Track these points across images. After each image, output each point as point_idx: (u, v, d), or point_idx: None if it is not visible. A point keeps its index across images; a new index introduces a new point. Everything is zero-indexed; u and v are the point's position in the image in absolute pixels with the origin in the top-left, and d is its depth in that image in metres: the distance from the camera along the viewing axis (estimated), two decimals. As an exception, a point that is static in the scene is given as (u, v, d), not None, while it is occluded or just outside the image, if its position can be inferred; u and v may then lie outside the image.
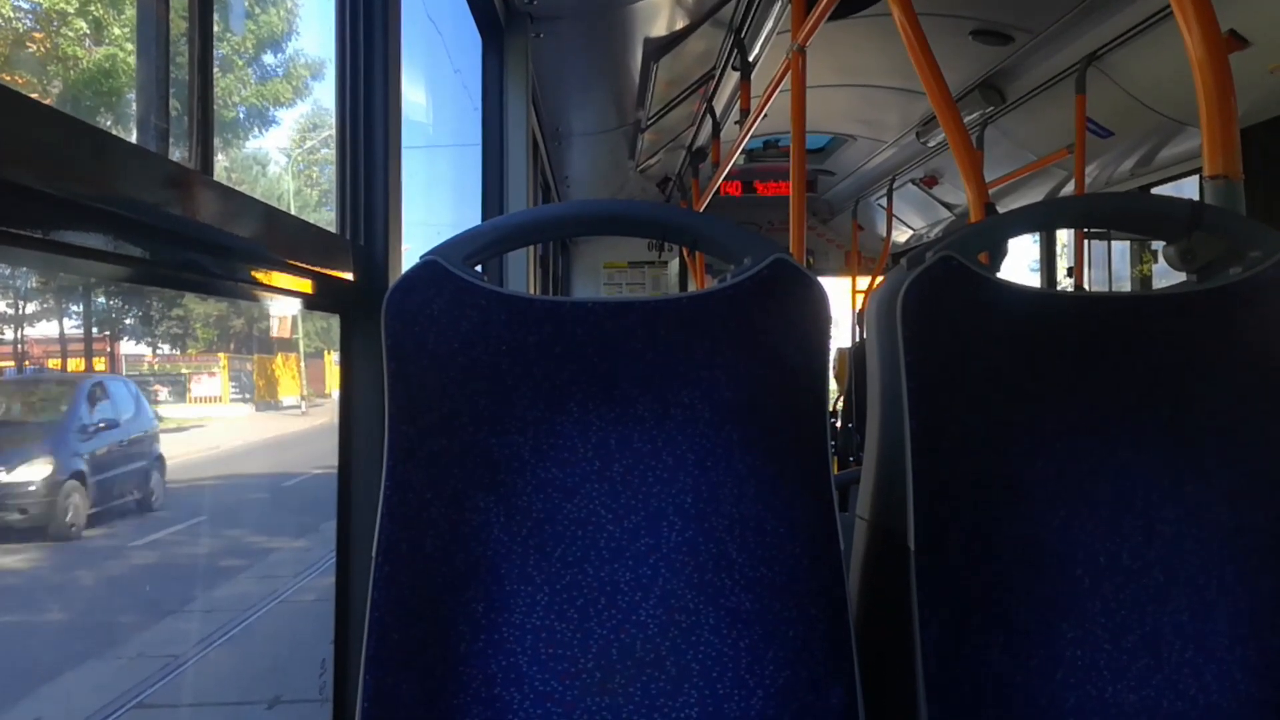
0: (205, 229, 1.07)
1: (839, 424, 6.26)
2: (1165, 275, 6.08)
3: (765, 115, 4.22)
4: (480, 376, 1.22)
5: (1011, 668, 1.24)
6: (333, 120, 1.69)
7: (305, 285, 1.38)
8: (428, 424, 1.21)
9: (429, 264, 1.24)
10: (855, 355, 6.09)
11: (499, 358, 1.22)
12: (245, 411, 22.50)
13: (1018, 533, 1.26)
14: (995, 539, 1.26)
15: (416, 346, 1.22)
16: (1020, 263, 8.07)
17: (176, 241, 1.04)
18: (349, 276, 1.51)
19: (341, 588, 1.57)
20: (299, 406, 23.54)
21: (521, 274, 3.53)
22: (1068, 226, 2.71)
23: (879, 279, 7.76)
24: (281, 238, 1.29)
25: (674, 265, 9.11)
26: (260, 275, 1.26)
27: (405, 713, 1.18)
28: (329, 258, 1.45)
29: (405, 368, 1.22)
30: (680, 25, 4.05)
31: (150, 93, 1.07)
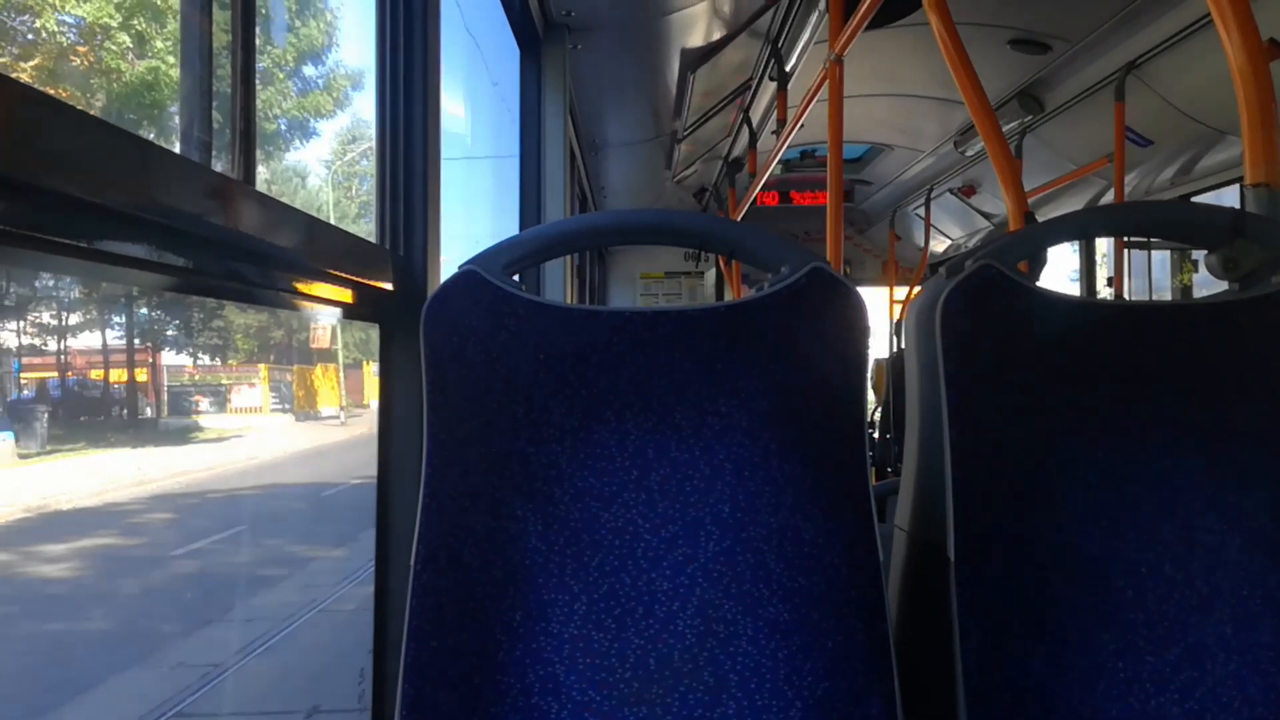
0: (248, 238, 1.08)
1: (877, 435, 6.23)
2: (1206, 285, 6.02)
3: (802, 125, 4.21)
4: (518, 385, 1.22)
5: (1053, 679, 1.23)
6: (372, 132, 1.71)
7: (345, 295, 1.39)
8: (466, 433, 1.22)
9: (467, 273, 1.24)
10: (893, 366, 6.06)
11: (536, 367, 1.22)
12: (285, 422, 22.72)
13: (1058, 542, 1.25)
14: (1036, 549, 1.25)
15: (454, 355, 1.22)
16: (1060, 273, 8.02)
17: (219, 250, 1.05)
18: (388, 286, 1.53)
19: (380, 596, 1.57)
20: (338, 417, 23.73)
21: (558, 284, 3.55)
22: (1108, 235, 2.69)
23: (916, 289, 7.73)
24: (322, 247, 1.31)
25: (710, 275, 9.11)
26: (301, 285, 1.27)
27: None
28: (369, 267, 1.46)
29: (443, 377, 1.22)
30: (717, 36, 4.05)
31: (193, 104, 1.09)
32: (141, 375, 20.61)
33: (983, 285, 1.29)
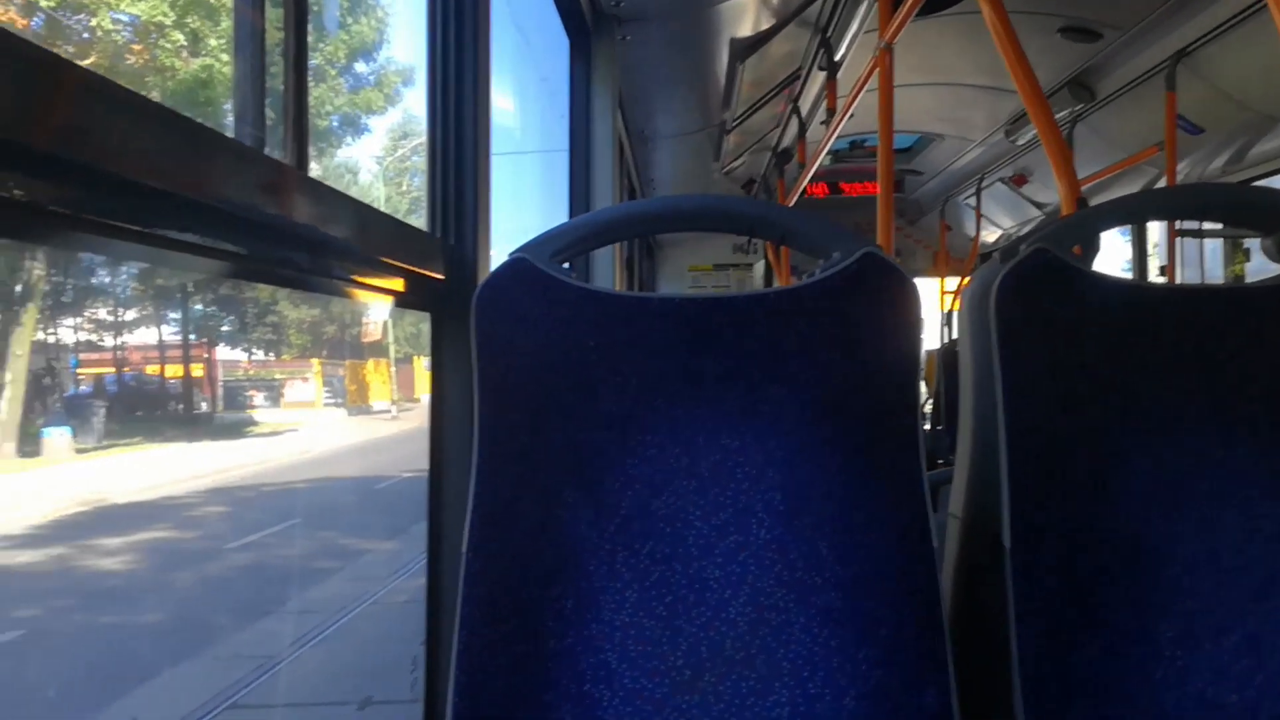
0: (302, 225, 1.09)
1: (928, 426, 6.17)
2: (1258, 274, 5.92)
3: (852, 115, 4.19)
4: (568, 372, 1.22)
5: (1110, 667, 1.21)
6: (423, 127, 1.71)
7: (397, 283, 1.39)
8: (516, 420, 1.22)
9: (517, 261, 1.24)
10: (944, 356, 6.01)
11: (586, 354, 1.22)
12: (337, 416, 22.96)
13: (1114, 530, 1.23)
14: (1092, 536, 1.23)
15: (505, 343, 1.22)
16: (1111, 263, 7.92)
17: (273, 236, 1.05)
18: (439, 275, 1.53)
19: (433, 583, 1.58)
20: (389, 411, 23.95)
21: (607, 278, 3.55)
22: (1162, 218, 2.65)
23: (967, 279, 7.65)
24: (375, 235, 1.31)
25: (759, 267, 9.08)
26: (355, 273, 1.28)
27: (496, 709, 1.18)
28: (420, 256, 1.47)
29: (494, 364, 1.22)
30: (766, 25, 4.04)
31: (245, 93, 1.09)
32: (197, 370, 20.91)
33: (1037, 269, 1.27)
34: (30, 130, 0.66)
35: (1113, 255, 7.95)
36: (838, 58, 4.39)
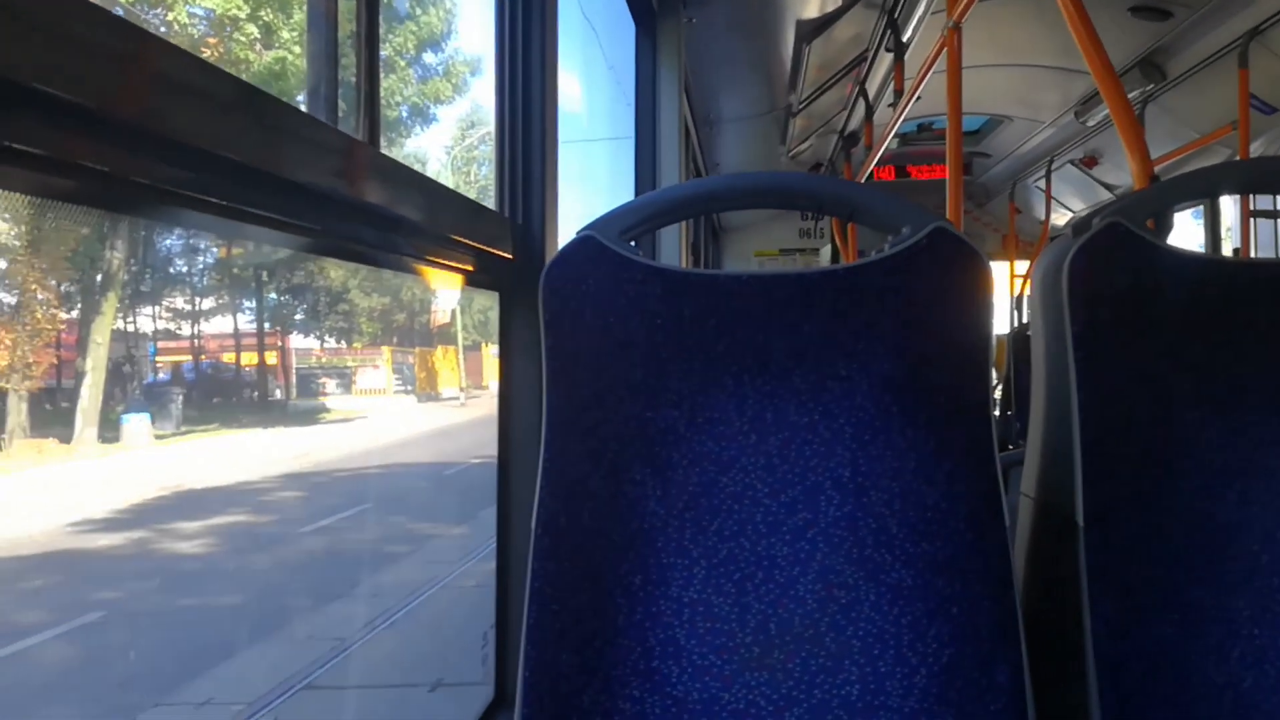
0: (376, 200, 1.10)
1: (997, 412, 6.10)
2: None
3: (919, 97, 4.14)
4: (635, 349, 1.22)
5: (1186, 646, 1.19)
6: (489, 117, 1.73)
7: (467, 262, 1.41)
8: (584, 397, 1.22)
9: (585, 239, 1.24)
10: (1014, 341, 5.93)
11: (654, 331, 1.22)
12: (407, 403, 23.19)
13: (1190, 506, 1.21)
14: (1167, 512, 1.21)
15: (573, 320, 1.22)
16: (1183, 244, 7.75)
17: (348, 213, 1.07)
18: (508, 255, 1.54)
19: (502, 559, 1.60)
20: (458, 398, 24.13)
21: (673, 262, 3.55)
22: (1238, 191, 2.59)
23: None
24: (447, 213, 1.33)
25: (826, 251, 9.01)
26: (427, 251, 1.30)
27: (565, 683, 1.18)
28: (490, 236, 1.48)
29: (562, 342, 1.22)
30: (832, 7, 4.01)
31: (319, 72, 1.11)
32: (271, 358, 21.24)
33: (1110, 243, 1.25)
34: (116, 101, 0.68)
35: (1185, 237, 7.79)
36: (905, 38, 4.34)
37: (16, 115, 0.63)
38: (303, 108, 1.11)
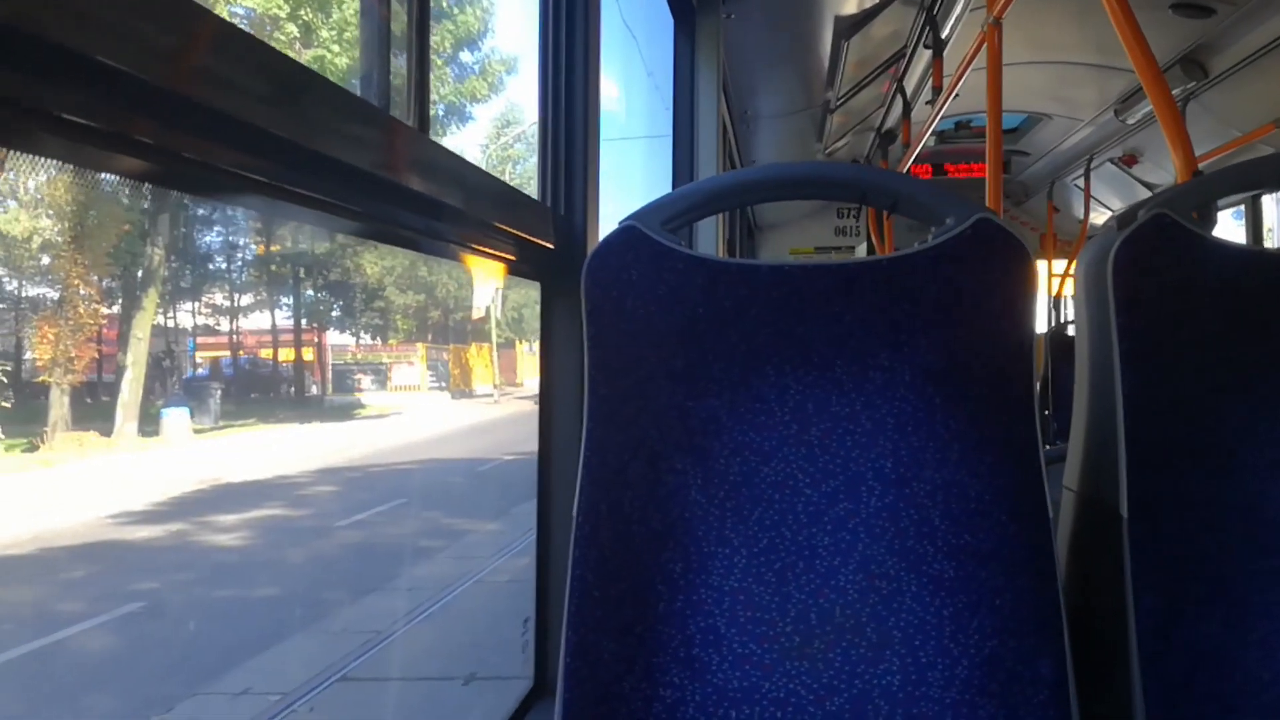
0: (422, 186, 1.11)
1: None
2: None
3: (957, 95, 4.12)
4: (677, 339, 1.22)
5: (1230, 641, 1.18)
6: (525, 116, 1.74)
7: (509, 251, 1.42)
8: (625, 386, 1.22)
9: (627, 229, 1.24)
10: (1052, 340, 5.88)
11: (695, 321, 1.22)
12: (441, 399, 23.31)
13: (1235, 500, 1.20)
14: (1211, 506, 1.20)
15: (615, 310, 1.22)
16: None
17: (395, 197, 1.08)
18: (550, 244, 1.55)
19: (542, 548, 1.60)
20: (492, 395, 24.23)
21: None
22: None
23: (1075, 263, 7.46)
24: (491, 201, 1.33)
25: (861, 249, 8.97)
26: (470, 239, 1.30)
27: (606, 670, 1.19)
28: (532, 225, 1.49)
29: (603, 331, 1.23)
30: (871, 3, 3.99)
31: (370, 59, 1.12)
32: (308, 354, 21.42)
33: (1156, 234, 1.24)
34: (166, 75, 0.69)
35: (1227, 236, 7.69)
36: (944, 35, 4.31)
37: (76, 88, 0.64)
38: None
